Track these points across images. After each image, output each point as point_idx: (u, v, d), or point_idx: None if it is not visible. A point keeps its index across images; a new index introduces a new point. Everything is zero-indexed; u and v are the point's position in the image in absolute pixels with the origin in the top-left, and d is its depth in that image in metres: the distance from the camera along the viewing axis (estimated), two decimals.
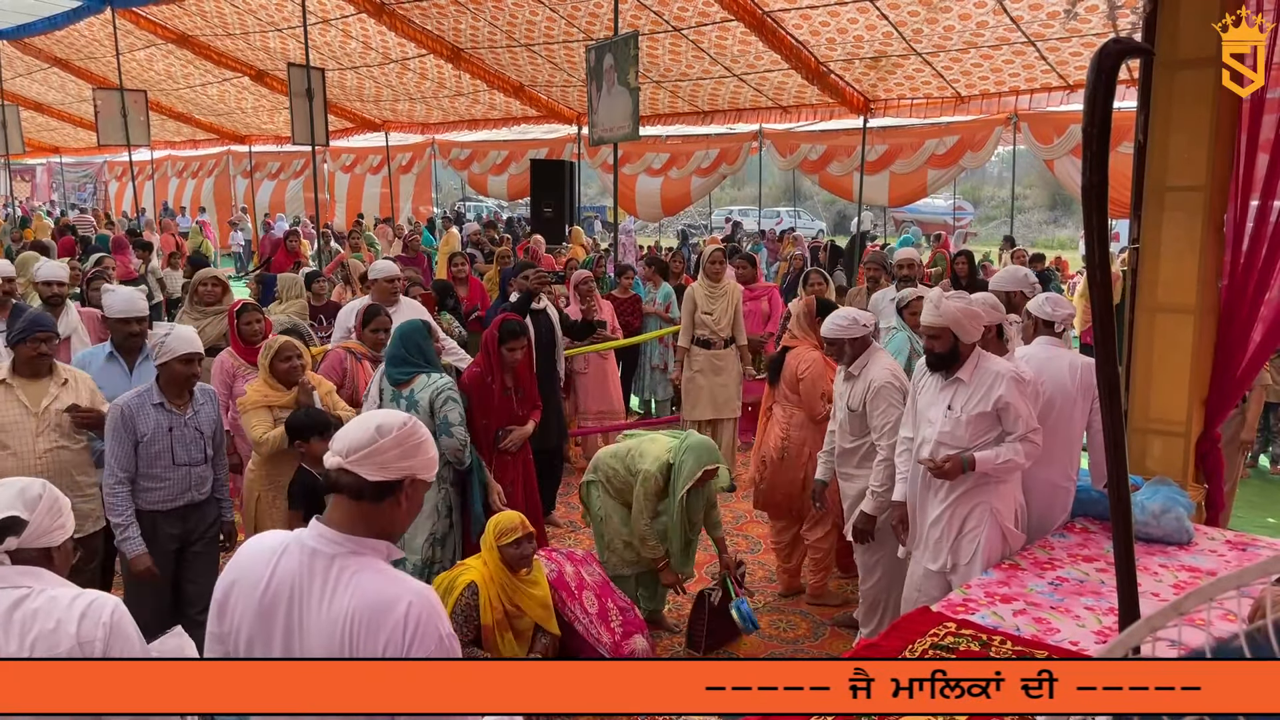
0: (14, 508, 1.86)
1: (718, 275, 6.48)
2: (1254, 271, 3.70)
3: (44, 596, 1.82)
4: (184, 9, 13.35)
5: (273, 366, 4.03)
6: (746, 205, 30.03)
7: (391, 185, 18.49)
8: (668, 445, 4.30)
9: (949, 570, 3.51)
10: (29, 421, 3.61)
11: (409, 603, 1.65)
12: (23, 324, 3.68)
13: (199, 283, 5.91)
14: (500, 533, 3.63)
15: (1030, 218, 31.26)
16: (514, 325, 4.41)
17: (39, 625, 1.79)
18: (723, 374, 6.45)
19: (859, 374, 4.11)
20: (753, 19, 9.61)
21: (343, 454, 1.72)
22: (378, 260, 5.93)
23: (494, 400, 4.38)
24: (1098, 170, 1.40)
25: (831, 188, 14.20)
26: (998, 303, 3.74)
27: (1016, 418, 3.36)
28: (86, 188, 29.48)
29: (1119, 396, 1.49)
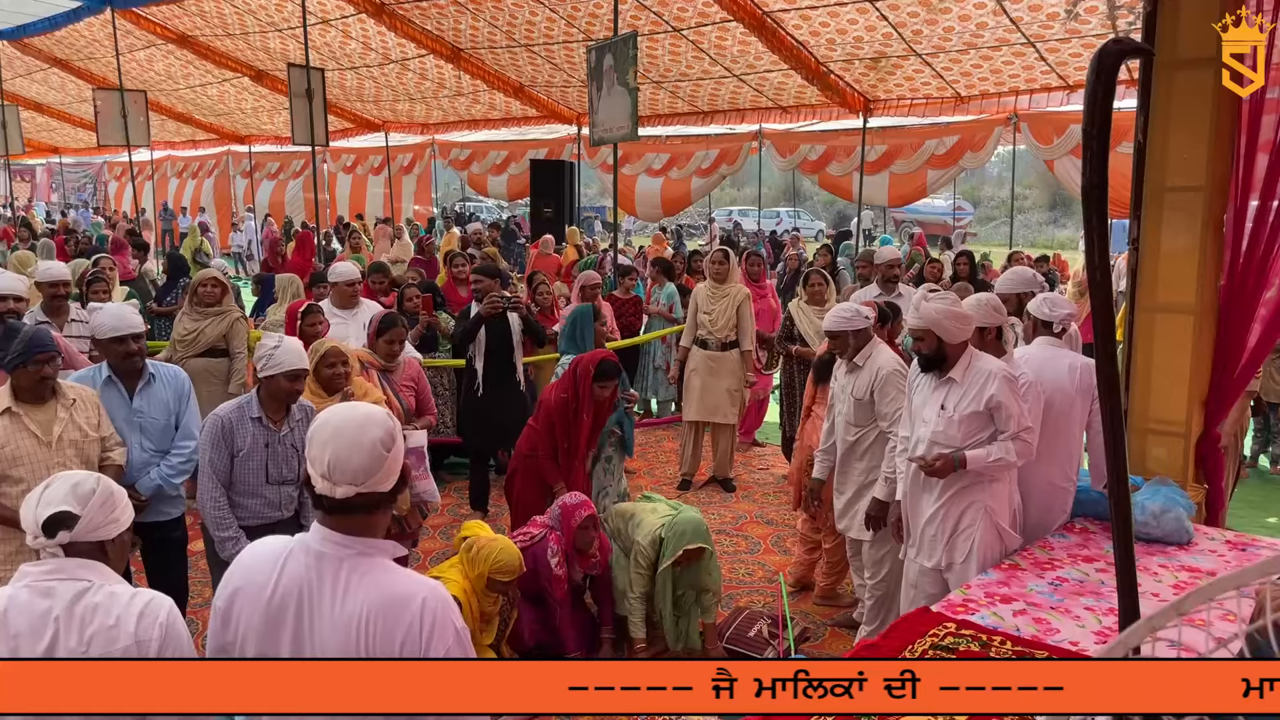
0: (66, 503, 1.89)
1: (721, 276, 6.48)
2: (1253, 271, 3.70)
3: (104, 592, 1.86)
4: (184, 9, 13.35)
5: (317, 371, 3.85)
6: (746, 205, 30.04)
7: (391, 186, 18.50)
8: (663, 517, 4.25)
9: (944, 568, 3.52)
10: (42, 452, 3.30)
11: (423, 598, 1.66)
12: (20, 345, 3.34)
13: (199, 283, 5.83)
14: (497, 569, 3.80)
15: (1030, 218, 31.26)
16: (609, 367, 4.48)
17: (98, 620, 1.83)
18: (719, 376, 6.44)
19: (863, 364, 4.18)
20: (753, 19, 9.61)
21: (355, 482, 1.68)
22: (337, 264, 5.88)
23: (581, 431, 4.48)
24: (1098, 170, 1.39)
25: (831, 188, 14.20)
26: (999, 304, 3.74)
27: (1008, 417, 3.36)
28: (86, 188, 29.48)
29: (1119, 396, 1.49)
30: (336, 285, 5.47)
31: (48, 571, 1.86)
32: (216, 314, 5.68)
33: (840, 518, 4.38)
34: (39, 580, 1.85)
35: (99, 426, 3.50)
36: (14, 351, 3.34)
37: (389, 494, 1.74)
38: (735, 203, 32.64)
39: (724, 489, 6.58)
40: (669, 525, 4.18)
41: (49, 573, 1.86)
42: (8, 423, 3.29)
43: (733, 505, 6.29)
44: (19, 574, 1.88)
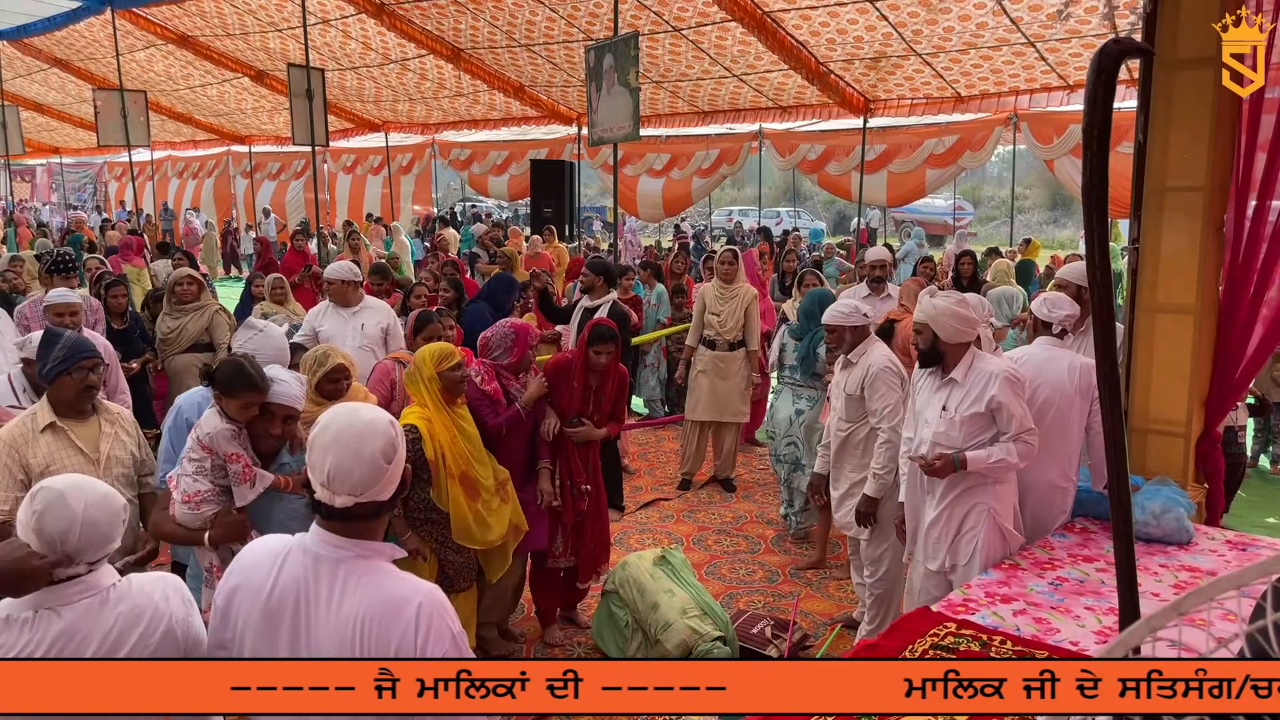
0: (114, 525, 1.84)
1: (729, 276, 6.48)
2: (1253, 271, 3.70)
3: (128, 587, 1.83)
4: (184, 9, 13.37)
5: (319, 386, 3.56)
6: (746, 205, 30.03)
7: (391, 186, 18.51)
8: (689, 620, 4.02)
9: (948, 570, 3.52)
10: (89, 471, 2.95)
11: (419, 603, 1.65)
12: (63, 350, 3.03)
13: (175, 282, 5.98)
14: (440, 359, 3.78)
15: (1030, 218, 31.24)
16: (603, 330, 4.37)
17: (148, 609, 1.80)
18: (727, 377, 6.44)
19: (857, 361, 4.23)
20: (753, 19, 9.61)
21: (355, 493, 1.68)
22: (334, 262, 5.88)
23: (571, 393, 4.34)
24: (1098, 170, 1.39)
25: (830, 187, 14.21)
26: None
27: (1010, 418, 3.36)
28: (86, 188, 29.49)
29: (1119, 396, 1.48)
30: (333, 283, 5.50)
31: (79, 592, 1.78)
32: (195, 309, 5.89)
33: (835, 511, 4.43)
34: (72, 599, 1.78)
35: (140, 446, 3.30)
36: (54, 359, 3.05)
37: (388, 502, 1.75)
38: (735, 203, 32.63)
39: (724, 489, 6.58)
40: (704, 650, 3.95)
41: (80, 592, 1.78)
42: (51, 439, 3.00)
43: (733, 505, 6.30)
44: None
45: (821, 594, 4.97)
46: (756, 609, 4.64)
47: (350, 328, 5.38)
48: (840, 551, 5.35)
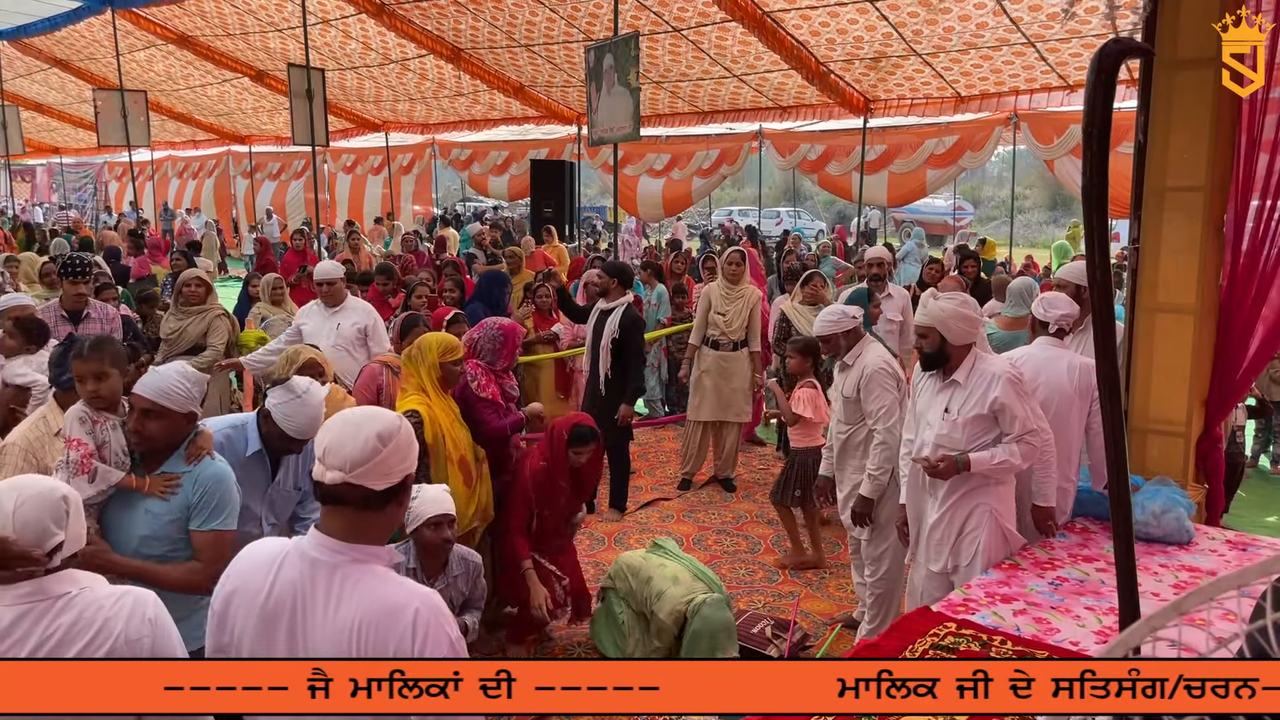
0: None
1: (736, 277, 6.47)
2: (1254, 272, 3.70)
3: (83, 599, 1.79)
4: (184, 9, 13.38)
5: None
6: (747, 205, 30.02)
7: (391, 186, 18.52)
8: (685, 591, 4.04)
9: (950, 571, 3.52)
10: None
11: (416, 609, 1.63)
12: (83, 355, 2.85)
13: (183, 283, 6.01)
14: (445, 350, 3.92)
15: (1030, 218, 31.25)
16: (585, 431, 4.21)
17: (95, 624, 1.77)
18: (731, 377, 6.43)
19: (853, 363, 4.25)
20: (753, 19, 9.62)
21: (344, 468, 1.66)
22: (322, 262, 5.90)
23: (559, 497, 4.24)
24: (1098, 170, 1.39)
25: (830, 187, 14.22)
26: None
27: (1013, 419, 3.36)
28: (86, 189, 29.49)
29: (1119, 396, 1.48)
30: (333, 284, 5.53)
31: (26, 595, 1.77)
32: (199, 312, 5.90)
33: (841, 512, 4.47)
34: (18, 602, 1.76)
35: None
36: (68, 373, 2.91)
37: (380, 494, 1.70)
38: (735, 203, 32.62)
39: (724, 489, 6.58)
40: (699, 615, 3.96)
41: (27, 595, 1.77)
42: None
43: (733, 505, 6.29)
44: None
45: (821, 594, 4.97)
46: (756, 609, 4.64)
47: (328, 327, 5.41)
48: (840, 551, 5.35)
